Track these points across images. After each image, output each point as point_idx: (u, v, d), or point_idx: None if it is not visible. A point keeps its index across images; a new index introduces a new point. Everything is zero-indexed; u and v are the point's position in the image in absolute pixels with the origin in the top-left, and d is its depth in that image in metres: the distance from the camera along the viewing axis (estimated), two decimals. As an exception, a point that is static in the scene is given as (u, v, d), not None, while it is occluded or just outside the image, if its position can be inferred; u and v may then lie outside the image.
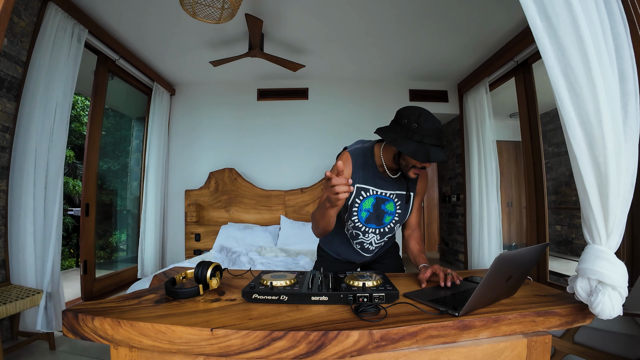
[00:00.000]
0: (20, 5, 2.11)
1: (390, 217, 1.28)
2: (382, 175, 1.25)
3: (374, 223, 1.28)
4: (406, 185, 1.27)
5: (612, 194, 0.78)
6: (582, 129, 0.81)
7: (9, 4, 0.97)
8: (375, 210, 1.26)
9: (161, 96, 3.82)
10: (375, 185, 1.24)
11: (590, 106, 0.79)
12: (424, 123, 1.07)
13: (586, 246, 0.84)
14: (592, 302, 0.78)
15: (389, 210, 1.27)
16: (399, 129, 1.11)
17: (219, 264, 0.98)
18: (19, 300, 1.82)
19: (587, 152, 0.81)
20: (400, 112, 1.14)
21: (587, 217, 0.83)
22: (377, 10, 2.65)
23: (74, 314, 0.74)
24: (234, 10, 2.14)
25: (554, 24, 0.83)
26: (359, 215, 1.26)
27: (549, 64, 0.84)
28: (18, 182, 2.07)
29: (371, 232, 1.29)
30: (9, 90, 2.09)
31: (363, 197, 1.24)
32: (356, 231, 1.30)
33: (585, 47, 0.79)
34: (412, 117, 1.08)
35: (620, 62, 0.82)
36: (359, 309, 0.79)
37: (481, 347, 0.76)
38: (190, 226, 3.90)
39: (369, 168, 1.24)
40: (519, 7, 0.90)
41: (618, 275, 0.76)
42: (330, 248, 1.46)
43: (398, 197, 1.27)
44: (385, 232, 1.31)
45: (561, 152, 4.78)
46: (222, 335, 0.68)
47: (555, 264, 4.25)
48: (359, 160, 1.24)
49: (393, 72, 3.90)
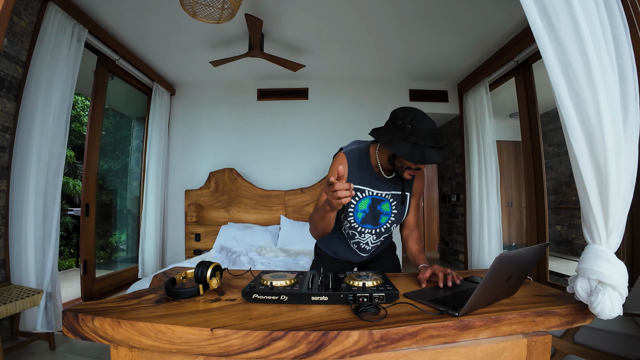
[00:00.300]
0: (20, 5, 2.11)
1: (386, 218, 1.28)
2: (378, 176, 1.25)
3: (370, 224, 1.28)
4: (401, 186, 1.27)
5: (612, 194, 0.78)
6: (582, 129, 0.81)
7: (9, 4, 0.97)
8: (371, 210, 1.26)
9: (161, 96, 3.83)
10: (371, 186, 1.24)
11: (591, 106, 0.79)
12: (418, 124, 1.06)
13: (586, 246, 0.84)
14: (592, 302, 0.78)
15: (384, 210, 1.27)
16: (393, 130, 1.10)
17: (219, 264, 0.98)
18: (19, 300, 1.82)
19: (587, 152, 0.81)
20: (394, 113, 1.13)
21: (587, 217, 0.83)
22: (377, 10, 2.65)
23: (74, 314, 0.74)
24: (234, 10, 2.14)
25: (554, 23, 0.83)
26: (355, 216, 1.26)
27: (549, 64, 0.84)
28: (18, 182, 2.07)
29: (367, 232, 1.30)
30: (9, 90, 2.09)
31: (359, 197, 1.24)
32: (352, 231, 1.30)
33: (585, 47, 0.79)
34: (407, 119, 1.07)
35: (620, 62, 0.82)
36: (359, 309, 0.79)
37: (481, 347, 0.76)
38: (190, 226, 3.90)
39: (364, 169, 1.24)
40: (519, 7, 0.90)
41: (618, 275, 0.76)
42: (329, 248, 1.47)
43: (394, 198, 1.27)
44: (382, 232, 1.31)
45: (561, 152, 4.79)
46: (222, 335, 0.68)
47: (555, 264, 4.25)
48: (355, 160, 1.24)
49: (393, 72, 3.90)
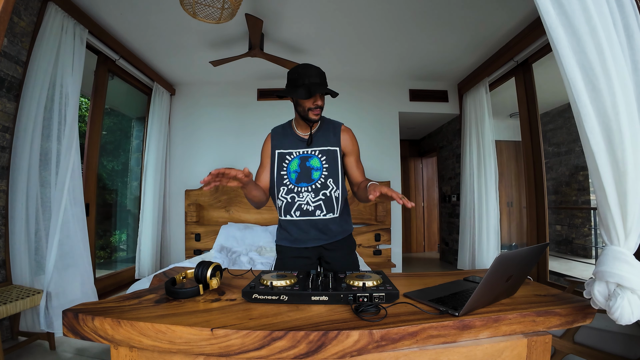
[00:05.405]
0: (20, 5, 2.11)
1: (318, 173, 1.38)
2: (301, 138, 1.42)
3: (304, 181, 1.38)
4: (330, 141, 1.40)
5: (630, 191, 0.74)
6: (599, 123, 0.78)
7: (9, 4, 0.97)
8: (302, 168, 1.39)
9: (161, 96, 3.82)
10: (297, 147, 1.41)
11: (607, 98, 0.76)
12: (302, 70, 1.29)
13: (604, 247, 0.81)
14: (611, 306, 0.75)
15: (314, 166, 1.39)
16: (288, 84, 1.33)
17: (219, 264, 0.98)
18: (19, 300, 1.82)
19: (605, 148, 0.78)
20: (287, 73, 1.37)
21: (605, 216, 0.79)
22: (377, 10, 2.65)
23: (74, 314, 0.74)
24: (234, 10, 2.14)
25: (568, 12, 0.80)
26: (289, 177, 1.39)
27: (563, 54, 0.81)
28: (18, 182, 2.07)
29: (304, 190, 1.38)
30: (9, 90, 2.09)
31: (288, 160, 1.40)
32: (291, 195, 1.38)
33: (599, 38, 0.76)
34: (294, 70, 1.31)
35: (632, 52, 0.79)
36: (359, 308, 0.79)
37: (481, 347, 0.76)
38: (190, 226, 3.90)
39: (288, 135, 1.43)
40: (519, 7, 0.90)
41: (638, 278, 0.73)
42: (286, 238, 1.44)
43: (321, 153, 1.40)
44: (318, 188, 1.38)
45: (561, 152, 4.79)
46: (222, 335, 0.68)
47: (555, 264, 4.26)
48: (279, 131, 1.46)
49: (393, 72, 3.90)
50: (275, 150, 1.42)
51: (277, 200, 1.42)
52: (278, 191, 1.41)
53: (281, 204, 1.41)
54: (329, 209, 1.39)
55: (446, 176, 4.94)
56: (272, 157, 1.43)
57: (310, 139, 1.40)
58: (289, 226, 1.42)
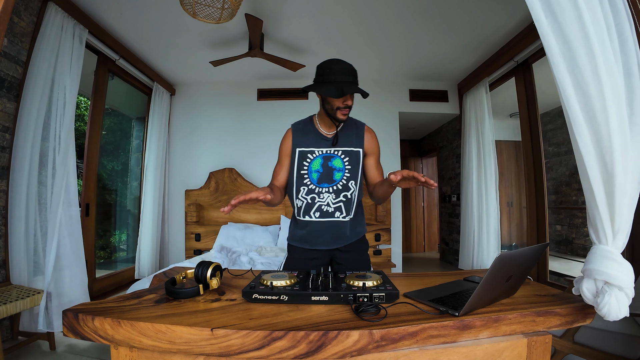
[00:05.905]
0: (20, 5, 2.11)
1: (340, 174, 1.34)
2: (324, 136, 1.36)
3: (326, 182, 1.34)
4: (353, 142, 1.35)
5: (618, 192, 0.76)
6: (588, 127, 0.80)
7: (9, 4, 0.97)
8: (324, 169, 1.34)
9: (161, 96, 3.82)
10: (320, 146, 1.35)
11: (597, 103, 0.78)
12: (334, 66, 1.21)
13: (592, 246, 0.82)
14: (599, 303, 0.77)
15: (337, 166, 1.34)
16: (317, 79, 1.26)
17: (219, 264, 0.98)
18: (19, 300, 1.82)
19: (594, 150, 0.79)
20: (317, 67, 1.28)
21: (593, 216, 0.81)
22: (377, 10, 2.65)
23: (74, 314, 0.74)
24: (234, 10, 2.14)
25: (559, 20, 0.82)
26: (310, 177, 1.34)
27: (554, 61, 0.82)
28: (18, 182, 2.07)
29: (325, 191, 1.34)
30: (9, 90, 2.09)
31: (310, 159, 1.34)
32: (312, 195, 1.34)
33: (591, 44, 0.77)
34: (325, 65, 1.23)
35: (625, 58, 0.80)
36: (359, 308, 0.79)
37: (481, 347, 0.76)
38: (190, 226, 3.90)
39: (309, 132, 1.37)
40: (518, 7, 0.90)
41: (625, 276, 0.75)
42: (300, 237, 1.42)
43: (344, 154, 1.35)
44: (339, 189, 1.34)
45: (561, 152, 4.78)
46: (223, 335, 0.68)
47: (555, 264, 4.25)
48: (299, 127, 1.39)
49: (393, 72, 3.90)
50: (297, 148, 1.35)
51: (295, 200, 1.37)
52: (298, 191, 1.35)
53: (301, 204, 1.36)
54: (348, 211, 1.38)
55: (446, 176, 4.94)
56: (293, 154, 1.36)
57: (335, 138, 1.34)
58: (304, 227, 1.39)
